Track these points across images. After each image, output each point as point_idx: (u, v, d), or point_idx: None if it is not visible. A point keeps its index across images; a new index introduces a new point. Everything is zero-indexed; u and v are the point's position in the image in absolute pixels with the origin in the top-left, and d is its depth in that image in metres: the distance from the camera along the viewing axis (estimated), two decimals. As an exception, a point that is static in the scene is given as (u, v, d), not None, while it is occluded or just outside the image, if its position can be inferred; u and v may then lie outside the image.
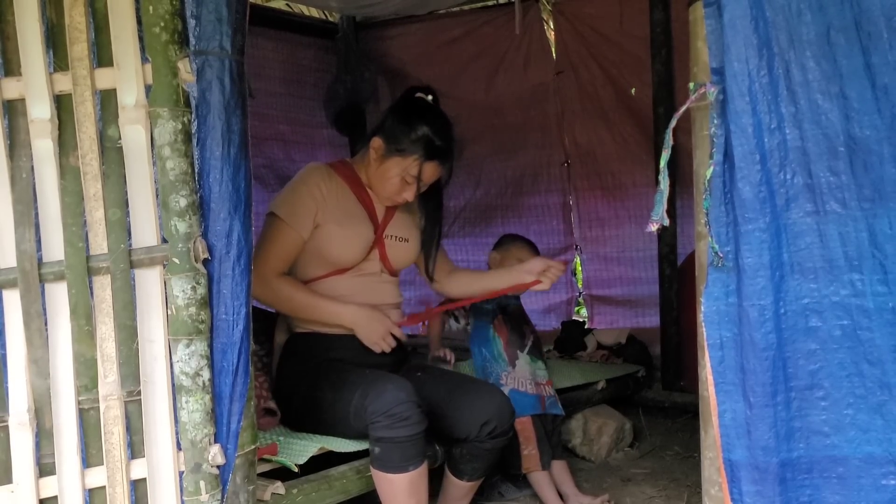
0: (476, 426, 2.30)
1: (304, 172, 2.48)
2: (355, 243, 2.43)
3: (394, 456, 2.14)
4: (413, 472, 2.15)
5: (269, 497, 2.09)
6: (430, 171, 2.41)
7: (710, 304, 1.50)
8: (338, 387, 2.30)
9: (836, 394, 1.44)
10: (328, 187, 2.42)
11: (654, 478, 2.96)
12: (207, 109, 1.68)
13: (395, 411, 2.11)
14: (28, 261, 1.63)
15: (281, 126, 4.41)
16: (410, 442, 2.14)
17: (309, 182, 2.42)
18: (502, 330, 2.90)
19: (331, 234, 2.40)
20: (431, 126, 2.38)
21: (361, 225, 2.46)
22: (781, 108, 1.43)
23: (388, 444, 2.14)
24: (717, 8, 1.45)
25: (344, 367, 2.38)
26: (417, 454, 2.16)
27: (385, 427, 2.12)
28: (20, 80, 1.64)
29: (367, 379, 2.25)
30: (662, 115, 3.64)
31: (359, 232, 2.44)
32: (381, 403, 2.13)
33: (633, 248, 4.21)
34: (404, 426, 2.12)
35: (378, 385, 2.19)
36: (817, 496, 1.47)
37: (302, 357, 2.46)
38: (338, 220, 2.41)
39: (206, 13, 1.66)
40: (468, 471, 2.39)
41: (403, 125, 2.39)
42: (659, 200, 1.51)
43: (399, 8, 3.89)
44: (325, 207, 2.40)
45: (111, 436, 1.66)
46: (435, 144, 2.37)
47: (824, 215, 1.42)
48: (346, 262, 2.43)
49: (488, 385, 2.52)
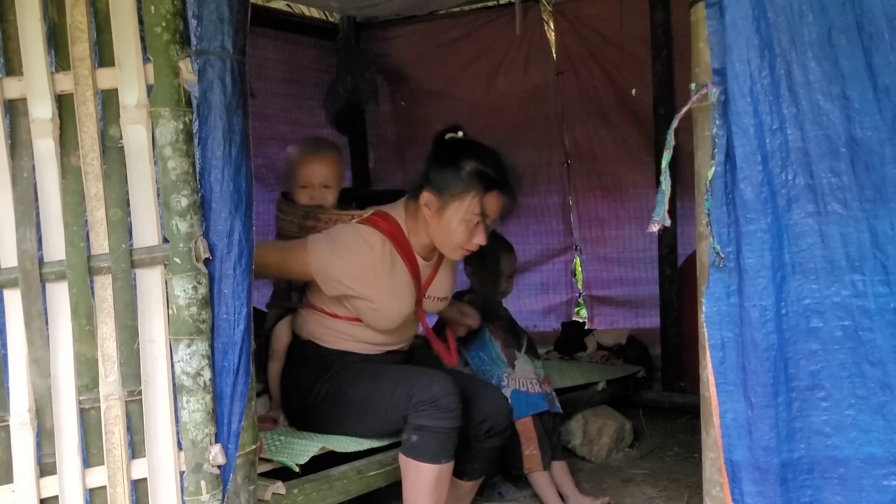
0: (473, 425, 2.32)
1: (361, 244, 2.29)
2: (395, 320, 2.38)
3: (430, 445, 2.18)
4: (443, 466, 2.20)
5: (269, 497, 2.09)
6: (492, 204, 2.26)
7: (712, 305, 1.51)
8: (377, 378, 2.31)
9: (837, 394, 1.44)
10: (379, 262, 2.30)
11: (655, 478, 2.96)
12: (209, 109, 1.68)
13: (443, 402, 2.17)
14: (29, 260, 1.63)
15: (281, 126, 4.40)
16: (447, 434, 2.18)
17: (363, 262, 2.28)
18: (497, 332, 2.90)
19: (374, 311, 2.33)
20: (477, 158, 2.27)
21: (405, 297, 2.36)
22: (783, 108, 1.43)
23: (428, 433, 2.17)
24: (719, 9, 1.45)
25: (377, 364, 2.41)
26: (450, 449, 2.20)
27: (429, 416, 2.17)
28: (22, 79, 1.64)
29: (410, 371, 2.31)
30: (663, 116, 3.64)
31: (401, 307, 2.36)
32: (430, 393, 2.18)
33: (633, 249, 4.22)
34: (447, 417, 2.17)
35: (426, 376, 2.24)
36: (818, 497, 1.47)
37: (316, 361, 2.45)
38: (384, 296, 2.32)
39: (208, 13, 1.66)
40: (468, 471, 2.41)
41: (449, 168, 2.26)
42: (660, 201, 1.51)
43: (400, 8, 3.89)
44: (374, 285, 2.30)
45: (112, 435, 1.66)
46: (488, 175, 2.25)
47: (826, 216, 1.42)
48: (383, 330, 2.41)
49: (487, 385, 2.53)
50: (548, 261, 4.49)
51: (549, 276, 4.50)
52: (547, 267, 4.50)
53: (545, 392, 2.84)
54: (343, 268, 2.28)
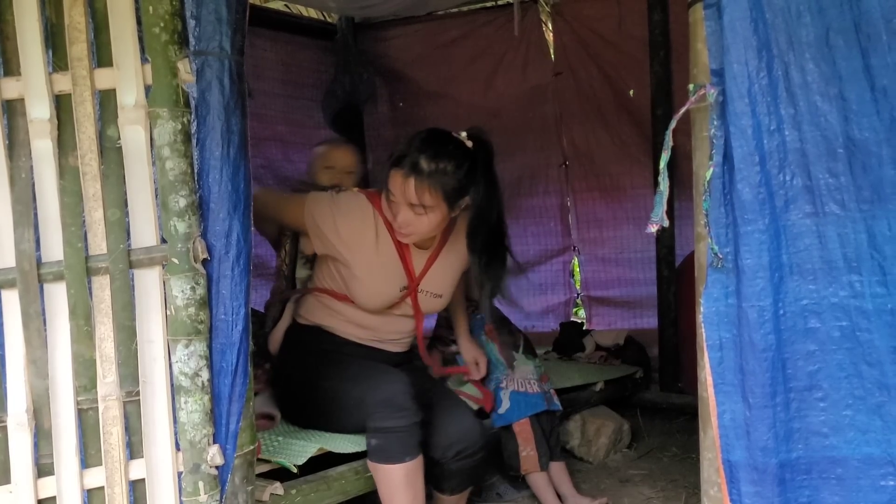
0: (442, 448, 2.30)
1: (356, 209, 2.36)
2: (378, 297, 2.40)
3: (391, 446, 2.18)
4: (410, 464, 2.19)
5: (267, 498, 2.09)
6: (396, 183, 2.22)
7: (710, 305, 1.51)
8: (340, 378, 2.33)
9: (834, 395, 1.44)
10: (367, 230, 2.35)
11: (652, 479, 2.97)
12: (207, 110, 1.68)
13: (395, 401, 2.18)
14: (27, 261, 1.63)
15: (279, 127, 4.40)
16: (407, 432, 2.18)
17: (338, 215, 2.34)
18: (494, 335, 2.89)
19: (355, 280, 2.37)
20: (408, 139, 2.26)
21: (389, 273, 2.38)
22: (781, 109, 1.43)
23: (387, 434, 2.18)
24: (717, 10, 1.45)
25: (346, 360, 2.41)
26: (414, 446, 2.20)
27: (383, 417, 2.18)
28: (19, 79, 1.64)
29: (366, 372, 2.31)
30: (661, 117, 3.64)
31: (384, 282, 2.38)
32: (380, 394, 2.20)
33: (631, 250, 4.22)
34: (402, 416, 2.18)
35: (377, 377, 2.26)
36: (816, 497, 1.47)
37: (306, 347, 2.47)
38: (366, 266, 2.35)
39: (206, 13, 1.66)
40: (448, 487, 2.39)
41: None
42: (659, 201, 1.52)
43: (398, 9, 3.90)
44: (358, 251, 2.35)
45: (110, 436, 1.66)
46: (397, 154, 2.23)
47: (823, 217, 1.42)
48: (368, 309, 2.43)
49: (457, 406, 2.45)
50: (546, 261, 4.49)
51: (547, 277, 4.51)
52: (545, 267, 4.50)
53: (544, 391, 2.83)
54: (332, 226, 2.35)
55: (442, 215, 2.27)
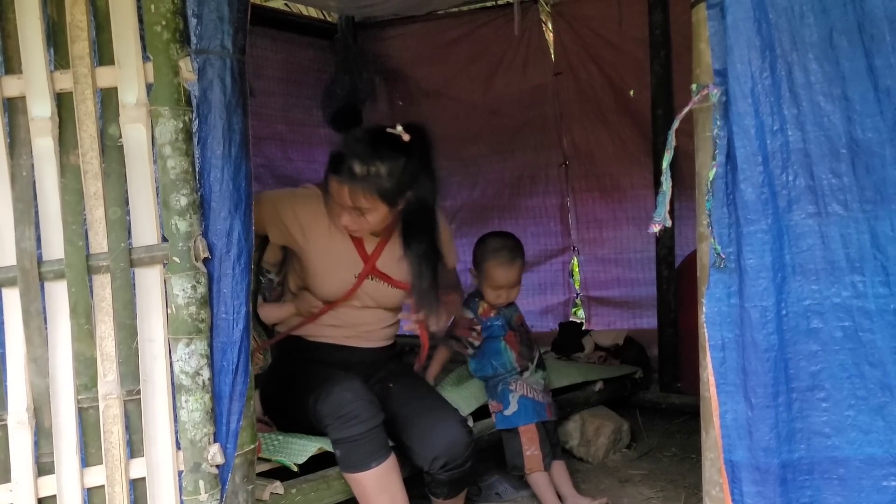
0: (428, 461, 2.27)
1: (313, 199, 2.37)
2: (334, 283, 2.41)
3: (354, 455, 2.18)
4: (378, 469, 2.18)
5: (267, 497, 2.09)
6: (333, 187, 2.24)
7: (712, 306, 1.50)
8: (300, 389, 2.32)
9: (837, 395, 1.44)
10: (321, 215, 2.35)
11: (652, 479, 2.97)
12: (208, 108, 1.68)
13: (344, 411, 2.17)
14: (28, 259, 1.63)
15: (279, 125, 4.41)
16: (366, 438, 2.17)
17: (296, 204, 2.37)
18: (514, 344, 2.88)
19: (313, 267, 2.40)
20: (349, 140, 2.25)
21: (342, 257, 2.40)
22: (784, 109, 1.43)
23: (346, 444, 2.18)
24: (720, 10, 1.45)
25: (310, 368, 2.39)
26: (378, 449, 2.19)
27: (337, 429, 2.17)
28: (21, 77, 1.63)
29: (319, 380, 2.28)
30: (661, 117, 3.63)
31: (338, 265, 2.40)
32: (330, 405, 2.18)
33: (631, 250, 4.22)
34: (356, 424, 2.16)
35: (326, 387, 2.23)
36: (818, 497, 1.47)
37: (282, 360, 2.48)
38: (319, 252, 2.38)
39: (208, 12, 1.66)
40: (440, 494, 2.37)
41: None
42: (661, 201, 1.51)
43: (398, 8, 3.90)
44: (313, 237, 2.37)
45: (110, 435, 1.65)
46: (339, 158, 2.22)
47: (826, 217, 1.42)
48: (326, 296, 2.44)
49: (445, 416, 2.35)
50: (546, 261, 4.50)
51: (546, 277, 4.51)
52: (545, 267, 4.51)
53: (546, 402, 2.84)
54: (291, 214, 2.36)
55: (383, 213, 2.25)
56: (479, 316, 2.84)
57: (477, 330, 2.84)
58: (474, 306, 2.85)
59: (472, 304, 2.86)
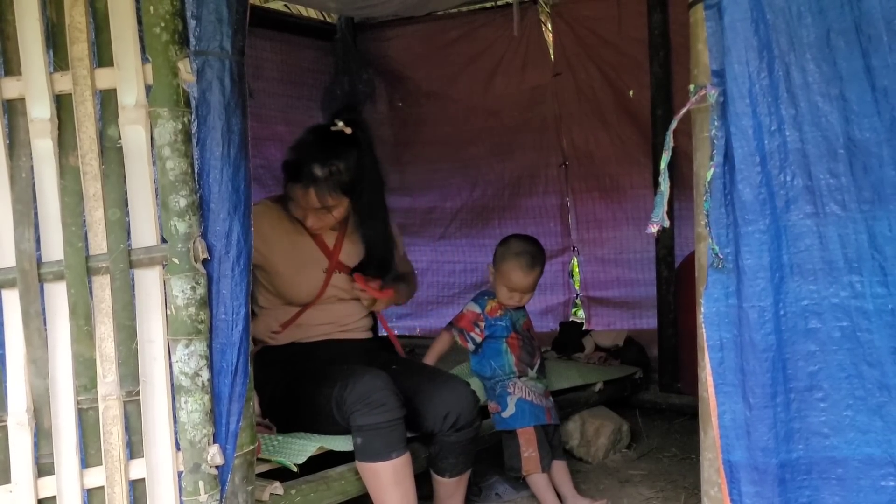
0: (440, 419, 2.33)
1: (260, 208, 2.44)
2: (303, 282, 2.48)
3: (376, 443, 2.19)
4: (397, 461, 2.20)
5: (267, 497, 2.09)
6: (296, 192, 2.38)
7: (710, 306, 1.51)
8: (317, 381, 2.34)
9: (835, 395, 1.44)
10: (277, 223, 2.45)
11: (652, 479, 2.97)
12: (207, 110, 1.68)
13: (373, 398, 2.18)
14: (27, 260, 1.63)
15: (278, 127, 4.41)
16: (389, 428, 2.19)
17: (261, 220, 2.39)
18: (515, 347, 2.88)
19: (282, 275, 2.46)
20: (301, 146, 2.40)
21: (308, 256, 2.49)
22: (781, 110, 1.43)
23: (370, 432, 2.19)
24: (718, 10, 1.45)
25: (320, 364, 2.43)
26: (399, 441, 2.21)
27: (364, 414, 2.18)
28: (20, 79, 1.64)
29: (343, 372, 2.31)
30: (660, 118, 3.64)
31: (305, 265, 2.49)
32: (359, 392, 2.20)
33: (631, 250, 4.22)
34: (382, 411, 2.18)
35: (355, 375, 2.26)
36: (816, 497, 1.47)
37: (281, 366, 2.49)
38: (285, 258, 2.45)
39: (207, 13, 1.66)
40: (447, 467, 2.41)
41: None
42: (659, 202, 1.52)
43: (397, 9, 3.90)
44: (276, 248, 2.44)
45: (110, 436, 1.66)
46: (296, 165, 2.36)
47: (824, 217, 1.43)
48: (302, 299, 2.50)
49: (454, 379, 2.50)
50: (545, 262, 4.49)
51: (546, 277, 4.46)
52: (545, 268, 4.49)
53: (544, 406, 2.84)
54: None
55: (346, 205, 2.41)
56: (485, 313, 2.84)
57: (480, 326, 2.84)
58: (483, 303, 2.86)
59: (480, 301, 2.87)
